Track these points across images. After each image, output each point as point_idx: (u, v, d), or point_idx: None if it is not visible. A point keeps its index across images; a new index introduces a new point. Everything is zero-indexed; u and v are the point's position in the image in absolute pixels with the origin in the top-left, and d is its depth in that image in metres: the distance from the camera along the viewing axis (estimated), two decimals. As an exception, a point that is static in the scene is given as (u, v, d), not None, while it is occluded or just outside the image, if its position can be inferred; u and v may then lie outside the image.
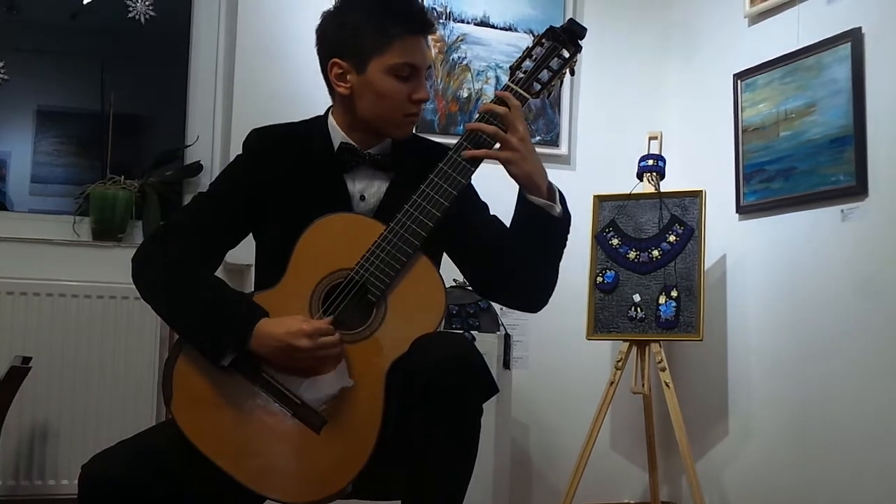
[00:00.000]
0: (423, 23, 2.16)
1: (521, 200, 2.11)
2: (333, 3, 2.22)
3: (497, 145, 2.09)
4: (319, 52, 2.22)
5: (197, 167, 3.83)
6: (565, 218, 2.13)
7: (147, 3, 3.88)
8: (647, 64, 4.35)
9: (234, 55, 3.79)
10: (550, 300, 2.22)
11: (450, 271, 2.26)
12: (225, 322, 1.99)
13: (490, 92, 3.99)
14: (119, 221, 3.66)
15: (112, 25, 3.98)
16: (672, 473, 4.08)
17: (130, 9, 3.87)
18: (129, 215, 3.69)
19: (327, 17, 2.20)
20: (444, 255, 2.28)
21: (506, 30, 4.10)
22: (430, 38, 2.21)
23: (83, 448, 3.32)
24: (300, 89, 3.75)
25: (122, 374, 3.45)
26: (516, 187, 2.11)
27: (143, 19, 3.88)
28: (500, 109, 2.08)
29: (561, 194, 2.13)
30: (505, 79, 2.18)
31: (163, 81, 4.06)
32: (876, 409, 3.13)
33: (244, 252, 2.27)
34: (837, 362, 3.29)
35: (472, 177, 2.21)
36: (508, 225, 2.17)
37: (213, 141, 3.89)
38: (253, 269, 2.27)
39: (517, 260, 2.13)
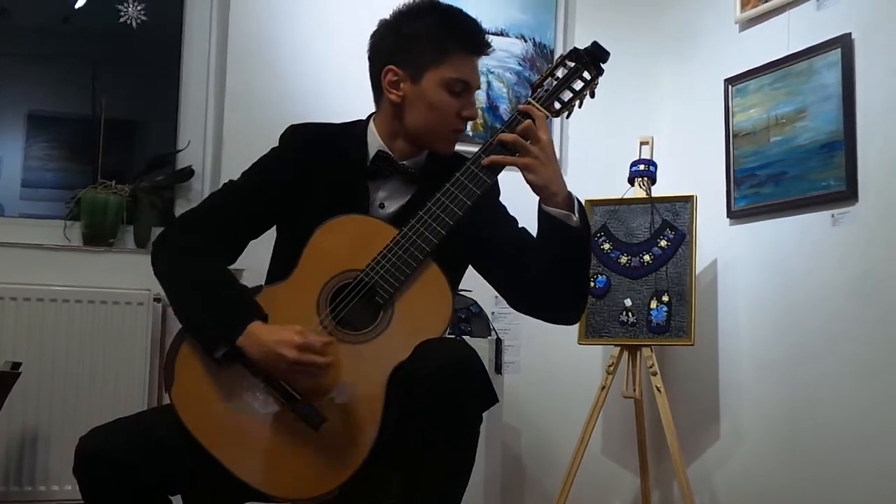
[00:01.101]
0: (481, 44, 2.22)
1: (539, 211, 2.12)
2: (392, 12, 2.25)
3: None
4: (372, 58, 2.25)
5: (188, 172, 3.82)
6: (583, 229, 2.12)
7: (139, 7, 3.88)
8: (639, 69, 4.35)
9: (226, 60, 3.79)
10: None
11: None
12: (220, 314, 2.01)
13: (482, 97, 3.99)
14: (110, 226, 3.65)
15: (104, 30, 3.98)
16: (663, 478, 4.09)
17: (122, 13, 3.86)
18: (120, 220, 3.68)
19: (385, 25, 2.25)
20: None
21: (497, 35, 4.08)
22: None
23: (73, 454, 3.30)
24: (292, 94, 3.76)
25: (113, 379, 3.44)
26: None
27: (134, 24, 3.87)
28: (524, 122, 2.11)
29: (580, 204, 2.13)
30: (496, 83, 2.22)
31: (154, 86, 4.06)
32: (867, 412, 3.14)
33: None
34: (828, 365, 3.30)
35: (497, 189, 2.24)
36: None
37: (204, 146, 3.88)
38: (244, 273, 2.27)
39: (539, 272, 2.13)
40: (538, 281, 2.14)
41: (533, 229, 2.17)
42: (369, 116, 2.29)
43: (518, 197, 2.25)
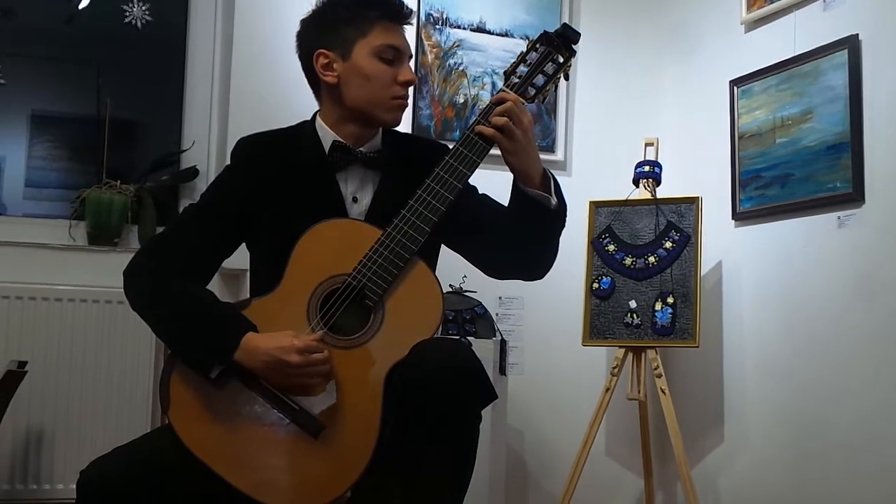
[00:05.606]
0: (400, 10, 2.22)
1: (517, 192, 2.13)
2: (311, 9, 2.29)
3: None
4: (301, 52, 2.28)
5: (193, 172, 3.83)
6: (561, 209, 2.15)
7: (143, 8, 3.88)
8: (644, 70, 4.35)
9: (231, 60, 3.78)
10: (547, 306, 2.23)
11: (446, 276, 2.26)
12: (210, 335, 2.00)
13: (486, 97, 3.99)
14: (115, 226, 3.66)
15: (108, 30, 3.98)
16: (667, 480, 4.08)
17: (127, 14, 3.87)
18: (124, 220, 3.68)
19: (306, 20, 2.28)
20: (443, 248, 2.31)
21: (502, 35, 4.10)
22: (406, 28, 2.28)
23: (78, 452, 3.31)
24: (296, 94, 3.72)
25: (118, 379, 3.45)
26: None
27: (139, 24, 3.88)
28: (506, 105, 2.10)
29: (556, 182, 2.15)
30: (501, 84, 2.20)
31: (159, 86, 4.05)
32: (873, 414, 3.13)
33: (240, 257, 2.26)
34: (834, 368, 3.29)
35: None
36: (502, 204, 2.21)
37: (208, 146, 3.89)
38: (248, 274, 2.26)
39: (516, 243, 2.16)
40: (515, 251, 2.18)
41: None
42: (313, 115, 2.29)
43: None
